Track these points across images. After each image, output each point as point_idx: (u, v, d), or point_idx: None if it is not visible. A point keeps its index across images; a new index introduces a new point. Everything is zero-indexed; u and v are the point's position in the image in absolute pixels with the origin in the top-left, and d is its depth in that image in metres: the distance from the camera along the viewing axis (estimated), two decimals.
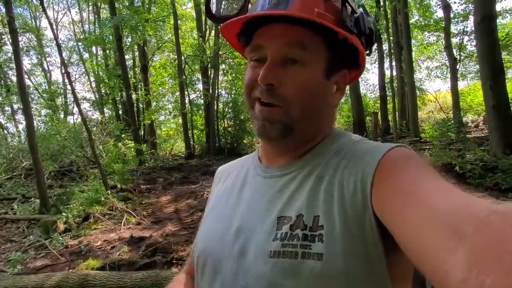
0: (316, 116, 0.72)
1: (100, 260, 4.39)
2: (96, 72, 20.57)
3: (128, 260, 4.41)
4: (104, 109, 21.26)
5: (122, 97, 16.41)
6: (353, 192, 0.61)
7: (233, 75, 18.84)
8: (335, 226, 0.59)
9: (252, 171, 0.82)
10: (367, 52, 0.74)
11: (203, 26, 17.18)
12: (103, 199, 6.93)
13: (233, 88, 19.44)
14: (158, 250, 4.73)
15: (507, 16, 13.38)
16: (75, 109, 25.63)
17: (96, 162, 8.12)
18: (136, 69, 20.19)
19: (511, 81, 11.59)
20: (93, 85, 22.42)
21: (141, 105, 19.52)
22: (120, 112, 19.58)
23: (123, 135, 12.86)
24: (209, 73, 16.47)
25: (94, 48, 21.87)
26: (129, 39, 17.16)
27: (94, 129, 13.27)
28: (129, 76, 16.31)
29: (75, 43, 24.20)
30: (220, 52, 16.68)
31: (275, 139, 0.71)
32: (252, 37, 0.73)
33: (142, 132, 18.07)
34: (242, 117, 16.42)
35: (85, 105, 23.57)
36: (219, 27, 0.79)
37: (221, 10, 0.78)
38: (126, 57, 17.58)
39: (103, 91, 20.27)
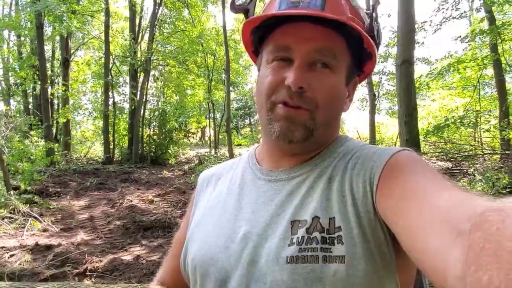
0: (334, 122, 0.73)
1: None
2: (6, 59, 18.36)
3: (31, 270, 3.88)
4: (11, 100, 18.94)
5: (36, 90, 14.83)
6: (363, 193, 0.61)
7: (164, 82, 18.34)
8: (352, 226, 0.59)
9: (250, 174, 0.77)
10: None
11: (136, 28, 16.52)
12: (2, 200, 6.07)
13: (162, 96, 18.90)
14: (69, 260, 4.25)
15: (417, 64, 15.20)
16: None
17: None
18: (55, 61, 18.48)
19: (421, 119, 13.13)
20: (0, 72, 19.91)
21: (56, 101, 17.86)
22: (31, 106, 17.67)
23: (32, 132, 11.57)
24: (138, 77, 15.77)
25: (6, 32, 19.58)
26: (52, 29, 15.70)
27: None
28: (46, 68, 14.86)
29: None
30: (152, 58, 16.13)
31: (297, 142, 0.68)
32: (270, 34, 0.71)
33: (55, 130, 16.44)
34: (168, 127, 15.92)
35: None
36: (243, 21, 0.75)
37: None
38: (46, 47, 15.99)
39: (12, 80, 18.10)
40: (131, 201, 7.40)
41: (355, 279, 0.55)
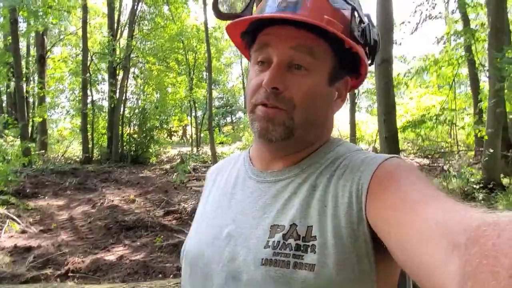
0: (318, 122, 0.73)
1: None
2: None
3: (10, 272, 3.80)
4: None
5: (10, 88, 14.36)
6: (348, 204, 0.61)
7: (144, 80, 18.06)
8: (328, 237, 0.59)
9: (243, 173, 0.79)
10: (369, 62, 0.75)
11: (115, 24, 16.19)
12: None
13: (142, 93, 18.60)
14: (50, 261, 4.18)
15: (394, 62, 15.51)
16: None
17: None
18: (30, 58, 17.92)
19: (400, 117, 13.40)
20: None
21: (31, 99, 17.32)
22: (5, 104, 17.14)
23: (7, 131, 11.22)
24: (117, 74, 15.46)
25: None
26: (26, 24, 15.19)
27: None
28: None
29: None
30: (132, 55, 15.86)
31: (276, 141, 0.69)
32: (257, 36, 0.72)
33: (30, 129, 15.95)
34: (149, 125, 15.71)
35: None
36: (225, 26, 0.76)
37: (226, 8, 0.77)
38: (20, 44, 15.46)
39: None
40: (112, 201, 7.30)
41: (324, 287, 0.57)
